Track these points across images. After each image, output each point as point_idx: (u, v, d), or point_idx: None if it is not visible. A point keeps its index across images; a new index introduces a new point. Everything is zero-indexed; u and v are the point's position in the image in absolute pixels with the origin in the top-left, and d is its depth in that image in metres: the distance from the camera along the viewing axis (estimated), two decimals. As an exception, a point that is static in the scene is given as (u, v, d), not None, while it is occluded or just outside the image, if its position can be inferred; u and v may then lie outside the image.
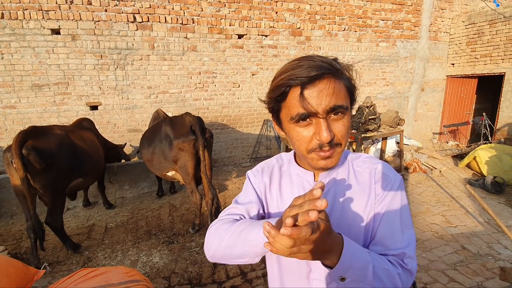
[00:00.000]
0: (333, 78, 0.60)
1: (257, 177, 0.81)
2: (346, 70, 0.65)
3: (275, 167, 0.81)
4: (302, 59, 0.62)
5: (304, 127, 0.63)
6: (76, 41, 4.11)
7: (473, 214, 3.41)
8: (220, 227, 0.73)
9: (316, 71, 0.58)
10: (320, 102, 0.59)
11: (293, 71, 0.60)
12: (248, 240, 0.63)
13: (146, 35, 4.39)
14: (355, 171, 0.74)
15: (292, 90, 0.61)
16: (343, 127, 0.63)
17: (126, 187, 4.22)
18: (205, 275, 2.45)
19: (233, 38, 4.90)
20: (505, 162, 4.45)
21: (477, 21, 6.34)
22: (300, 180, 0.75)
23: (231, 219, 0.75)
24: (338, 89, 0.61)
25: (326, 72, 0.59)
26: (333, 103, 0.59)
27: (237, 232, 0.67)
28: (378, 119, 4.11)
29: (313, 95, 0.59)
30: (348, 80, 0.66)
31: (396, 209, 0.69)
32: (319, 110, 0.59)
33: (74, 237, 3.09)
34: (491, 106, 7.58)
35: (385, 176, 0.72)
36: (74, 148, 2.83)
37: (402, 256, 0.65)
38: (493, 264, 2.47)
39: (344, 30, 5.73)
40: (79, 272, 1.36)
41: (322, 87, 0.59)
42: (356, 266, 0.53)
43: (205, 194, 3.10)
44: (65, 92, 4.23)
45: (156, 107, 4.58)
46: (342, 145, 0.65)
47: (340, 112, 0.62)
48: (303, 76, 0.58)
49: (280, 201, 0.77)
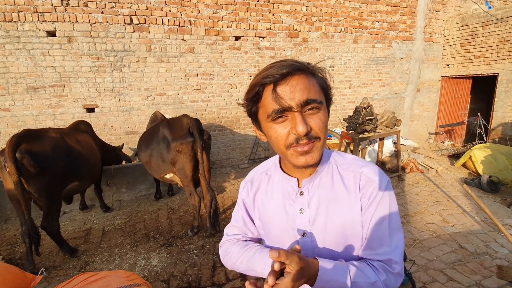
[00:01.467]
0: (304, 74, 0.62)
1: (246, 191, 0.85)
2: (318, 71, 0.67)
3: (262, 175, 0.84)
4: (275, 62, 0.65)
5: (281, 124, 0.63)
6: (72, 43, 4.09)
7: (470, 213, 3.44)
8: (228, 249, 0.85)
9: (287, 69, 0.61)
10: (293, 97, 0.60)
11: (266, 71, 0.62)
12: (255, 271, 0.76)
13: (143, 37, 4.38)
14: (340, 174, 0.73)
15: (266, 88, 0.63)
16: (320, 121, 0.64)
17: (123, 190, 4.19)
18: (204, 277, 2.44)
19: (230, 39, 4.91)
20: (500, 161, 4.51)
21: (470, 23, 6.43)
22: (284, 185, 0.76)
23: (236, 240, 0.87)
24: (311, 84, 0.63)
25: (298, 68, 0.62)
26: (306, 97, 0.61)
27: (245, 261, 0.78)
28: (375, 120, 4.14)
29: (286, 90, 0.60)
30: (321, 79, 0.67)
31: (384, 213, 0.69)
32: (293, 104, 0.60)
33: (71, 241, 3.05)
34: (485, 106, 7.69)
35: (370, 181, 0.71)
36: (70, 151, 2.79)
37: (389, 262, 0.67)
38: (491, 263, 2.49)
39: (340, 32, 5.77)
40: (79, 276, 1.35)
41: (294, 82, 0.61)
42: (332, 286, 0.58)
43: (204, 196, 3.09)
44: (61, 94, 4.20)
45: (154, 109, 4.56)
46: (321, 139, 0.65)
47: (314, 107, 0.62)
48: (275, 73, 0.60)
49: (266, 208, 0.79)
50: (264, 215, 0.79)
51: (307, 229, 0.72)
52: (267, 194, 0.79)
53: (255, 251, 0.76)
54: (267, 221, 0.78)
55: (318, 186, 0.73)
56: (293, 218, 0.73)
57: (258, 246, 0.79)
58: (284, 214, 0.74)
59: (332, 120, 6.24)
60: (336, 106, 6.22)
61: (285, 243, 0.75)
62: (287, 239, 0.74)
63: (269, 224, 0.78)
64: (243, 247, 0.81)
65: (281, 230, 0.75)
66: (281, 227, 0.75)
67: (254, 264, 0.75)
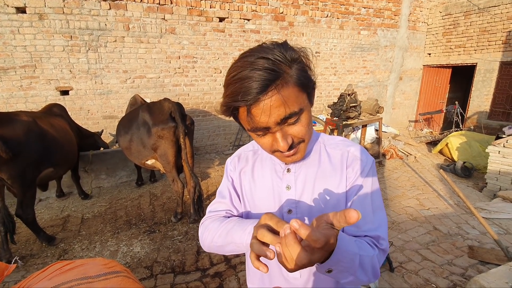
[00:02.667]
0: (277, 89, 0.55)
1: (233, 165, 0.83)
2: (296, 60, 0.58)
3: (250, 152, 0.82)
4: (245, 68, 0.55)
5: (262, 137, 0.63)
6: (43, 20, 3.78)
7: (445, 197, 3.61)
8: (209, 225, 0.79)
9: (259, 87, 0.53)
10: (269, 118, 0.56)
11: (236, 85, 0.55)
12: (234, 242, 0.69)
13: (120, 15, 4.11)
14: (328, 153, 0.74)
15: (240, 109, 0.59)
16: (302, 127, 0.62)
17: (103, 177, 4.05)
18: (188, 262, 2.43)
19: (214, 21, 4.72)
20: (474, 148, 4.73)
21: (453, 12, 6.53)
22: (272, 163, 0.76)
23: (218, 217, 0.80)
24: (287, 96, 0.56)
25: (270, 83, 0.54)
26: (283, 115, 0.57)
27: (224, 234, 0.72)
28: (359, 107, 4.18)
29: (259, 113, 0.56)
30: (299, 74, 0.58)
31: (367, 191, 0.70)
32: (270, 124, 0.58)
33: (48, 229, 2.94)
34: (463, 95, 7.98)
35: (357, 158, 0.72)
36: (43, 136, 2.64)
37: (377, 238, 0.67)
38: (462, 243, 2.64)
39: (327, 17, 5.69)
40: (54, 265, 1.28)
41: (268, 102, 0.55)
42: (344, 259, 0.52)
43: (187, 182, 3.04)
44: (33, 75, 3.91)
45: (133, 92, 4.36)
46: (306, 140, 0.65)
47: (294, 119, 0.59)
48: (247, 98, 0.54)
49: (253, 185, 0.78)
50: (250, 192, 0.78)
51: (293, 206, 0.71)
52: (254, 171, 0.79)
53: (235, 222, 0.72)
54: (253, 198, 0.77)
55: (306, 163, 0.73)
56: (279, 195, 0.73)
57: (240, 218, 0.76)
58: (271, 191, 0.74)
59: (316, 107, 6.27)
60: (321, 92, 6.23)
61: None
62: None
63: (255, 201, 0.77)
64: (223, 221, 0.76)
65: (266, 207, 0.75)
66: (267, 204, 0.75)
67: (233, 234, 0.69)
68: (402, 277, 2.23)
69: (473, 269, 2.29)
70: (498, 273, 1.67)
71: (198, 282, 2.21)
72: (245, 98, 0.55)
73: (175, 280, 2.23)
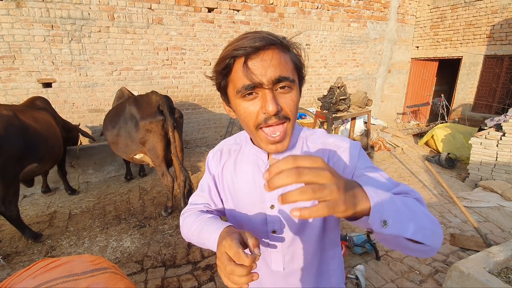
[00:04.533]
0: (278, 50, 0.58)
1: (215, 159, 0.83)
2: (293, 47, 0.63)
3: (232, 146, 0.81)
4: (248, 33, 0.60)
5: (251, 101, 0.60)
6: (21, 8, 3.59)
7: (429, 187, 3.73)
8: (186, 219, 0.80)
9: (261, 42, 0.56)
10: (264, 72, 0.56)
11: (238, 42, 0.58)
12: (204, 244, 0.70)
13: (104, 4, 3.96)
14: (308, 147, 0.73)
15: (236, 61, 0.59)
16: (291, 101, 0.61)
17: (90, 171, 3.97)
18: (179, 256, 2.44)
19: (202, 11, 4.61)
20: (458, 139, 4.88)
21: (440, 5, 6.61)
22: (254, 158, 0.74)
23: (196, 211, 0.81)
24: (284, 61, 0.59)
25: (272, 43, 0.57)
26: (278, 74, 0.57)
27: (196, 233, 0.73)
28: (348, 100, 4.22)
29: (257, 65, 0.57)
30: (295, 56, 0.63)
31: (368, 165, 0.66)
32: (264, 80, 0.57)
33: (34, 226, 2.88)
34: (448, 88, 8.16)
35: (340, 147, 0.69)
36: (25, 130, 2.55)
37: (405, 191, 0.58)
38: (445, 231, 2.75)
39: (317, 8, 5.65)
40: (38, 263, 1.26)
41: (266, 57, 0.57)
42: (385, 202, 0.44)
43: (177, 176, 3.01)
44: (12, 67, 3.74)
45: (120, 85, 4.25)
46: (291, 120, 0.62)
47: (287, 86, 0.59)
48: (247, 46, 0.56)
49: (235, 179, 0.77)
50: (232, 188, 0.77)
51: (275, 202, 0.71)
52: (236, 166, 0.77)
53: (204, 223, 0.72)
54: (236, 193, 0.77)
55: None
56: (262, 191, 0.72)
57: (208, 218, 0.74)
58: (253, 187, 0.73)
59: (307, 100, 6.28)
60: (311, 85, 6.24)
61: (253, 216, 0.74)
62: (255, 211, 0.74)
63: (238, 196, 0.76)
64: (196, 218, 0.76)
65: (249, 203, 0.74)
66: (249, 200, 0.74)
67: (203, 236, 0.69)
68: (387, 265, 2.31)
69: (454, 255, 2.39)
70: (476, 259, 1.75)
71: (189, 275, 2.22)
72: (245, 46, 0.56)
73: (166, 274, 2.24)
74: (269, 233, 0.72)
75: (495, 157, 3.66)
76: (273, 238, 0.72)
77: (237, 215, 0.79)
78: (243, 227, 0.76)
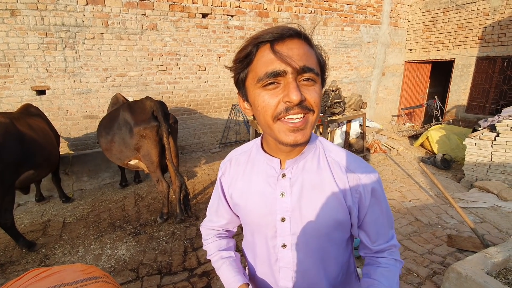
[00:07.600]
0: (304, 41, 0.57)
1: (224, 171, 0.81)
2: (318, 47, 0.63)
3: (243, 155, 0.77)
4: (270, 27, 0.59)
5: (271, 91, 0.56)
6: (16, 16, 3.59)
7: (425, 189, 3.74)
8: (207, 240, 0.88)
9: (287, 31, 0.55)
10: (290, 59, 0.54)
11: (261, 32, 0.57)
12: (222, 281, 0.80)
13: (98, 11, 3.96)
14: (328, 161, 0.68)
15: (260, 49, 0.56)
16: (316, 93, 0.57)
17: (84, 179, 3.93)
18: (175, 263, 2.41)
19: (196, 17, 4.64)
20: (453, 140, 4.91)
21: (432, 9, 6.71)
22: (265, 167, 0.70)
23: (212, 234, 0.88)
24: (310, 53, 0.57)
25: (297, 33, 0.56)
26: (304, 63, 0.54)
27: (215, 266, 0.83)
28: (343, 103, 4.24)
29: (284, 51, 0.54)
30: (319, 54, 0.62)
31: (381, 208, 0.68)
32: (288, 68, 0.54)
33: (28, 235, 2.83)
34: (442, 89, 8.25)
35: (360, 179, 0.67)
36: (22, 137, 2.54)
37: (392, 247, 0.72)
38: (442, 232, 2.75)
39: (310, 13, 5.71)
40: (30, 273, 1.23)
41: (293, 45, 0.55)
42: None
43: (172, 182, 2.99)
44: (6, 75, 3.72)
45: (114, 91, 4.24)
46: (315, 113, 0.58)
47: (311, 78, 0.56)
48: (274, 32, 0.55)
49: (245, 189, 0.73)
50: (242, 198, 0.73)
51: (287, 214, 0.67)
52: (246, 176, 0.73)
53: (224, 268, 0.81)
54: (245, 204, 0.72)
55: (303, 169, 0.67)
56: (273, 202, 0.68)
57: (226, 262, 0.81)
58: (263, 198, 0.69)
59: (302, 103, 6.30)
60: (307, 89, 6.26)
61: (263, 229, 0.71)
62: (265, 224, 0.70)
63: (247, 207, 0.72)
64: (215, 252, 0.84)
65: (259, 214, 0.70)
66: (259, 212, 0.70)
67: (221, 276, 0.81)
68: (385, 268, 2.29)
69: (452, 257, 2.39)
70: (474, 260, 1.74)
71: (186, 282, 2.19)
72: (271, 32, 0.55)
73: (162, 282, 2.21)
74: (278, 247, 0.69)
75: (490, 158, 3.69)
76: (282, 253, 0.69)
77: (247, 229, 0.77)
78: (253, 241, 0.77)
